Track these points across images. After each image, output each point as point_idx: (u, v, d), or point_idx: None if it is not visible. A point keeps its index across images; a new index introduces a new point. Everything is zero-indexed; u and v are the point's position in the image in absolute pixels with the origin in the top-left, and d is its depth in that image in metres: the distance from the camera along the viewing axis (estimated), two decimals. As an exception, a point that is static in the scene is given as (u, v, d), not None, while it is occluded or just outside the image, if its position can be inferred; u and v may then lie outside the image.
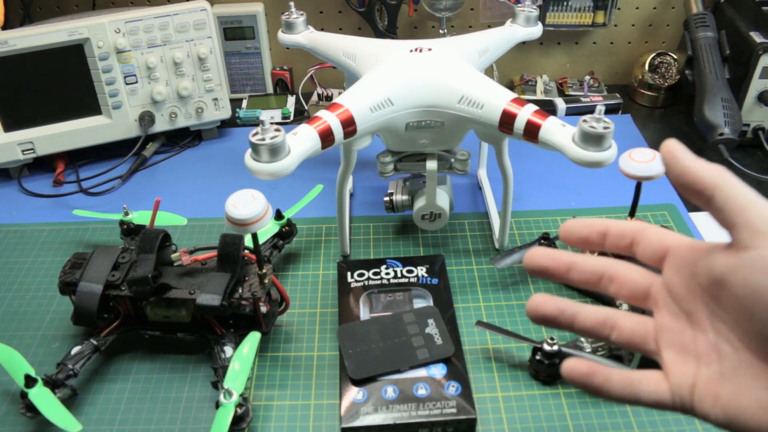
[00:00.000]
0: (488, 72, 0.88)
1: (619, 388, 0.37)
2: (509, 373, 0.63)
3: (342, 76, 0.86)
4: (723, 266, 0.33)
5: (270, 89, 1.11)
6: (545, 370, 0.61)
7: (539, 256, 0.39)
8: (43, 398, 0.56)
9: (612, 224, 0.39)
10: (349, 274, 0.70)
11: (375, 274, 0.70)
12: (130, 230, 0.73)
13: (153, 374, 0.64)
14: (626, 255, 0.39)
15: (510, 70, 1.14)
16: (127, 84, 0.90)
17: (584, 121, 0.57)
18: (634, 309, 0.62)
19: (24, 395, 0.56)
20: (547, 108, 1.01)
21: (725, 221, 0.34)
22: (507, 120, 0.62)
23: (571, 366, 0.38)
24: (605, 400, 0.38)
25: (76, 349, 0.61)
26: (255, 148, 0.55)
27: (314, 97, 1.07)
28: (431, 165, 0.70)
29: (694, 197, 0.35)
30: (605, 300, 0.69)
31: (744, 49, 0.90)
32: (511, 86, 1.12)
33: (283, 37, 0.79)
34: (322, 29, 0.88)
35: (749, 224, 0.32)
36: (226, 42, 1.05)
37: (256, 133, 0.55)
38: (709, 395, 0.34)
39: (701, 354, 0.35)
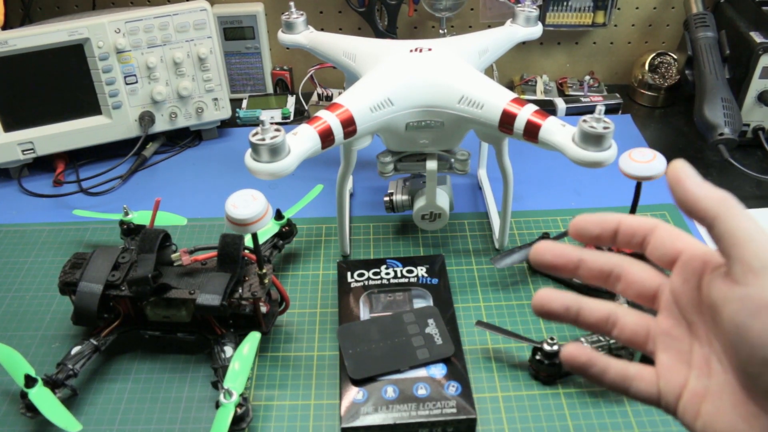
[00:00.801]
0: (488, 72, 0.88)
1: (613, 380, 0.37)
2: (509, 373, 0.63)
3: (342, 76, 0.86)
4: (717, 294, 0.33)
5: (270, 89, 1.11)
6: (545, 370, 0.61)
7: (546, 251, 0.38)
8: (43, 398, 0.56)
9: (624, 220, 0.38)
10: (349, 274, 0.70)
11: (375, 274, 0.70)
12: (130, 230, 0.73)
13: (153, 374, 0.64)
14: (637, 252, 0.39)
15: (510, 70, 1.14)
16: (127, 84, 0.90)
17: (584, 121, 0.57)
18: (632, 305, 0.62)
19: (24, 395, 0.56)
20: (547, 108, 1.01)
21: (722, 251, 0.33)
22: (507, 120, 0.62)
23: (570, 353, 0.38)
24: (598, 386, 0.38)
25: (76, 349, 0.61)
26: (255, 148, 0.55)
27: (314, 97, 1.07)
28: (431, 165, 0.70)
29: (700, 223, 0.34)
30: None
31: (744, 49, 0.90)
32: (511, 86, 1.12)
33: (283, 37, 0.79)
34: (322, 29, 0.88)
35: (742, 260, 0.32)
36: (226, 42, 1.05)
37: (256, 133, 0.55)
38: (692, 408, 0.34)
39: (694, 365, 0.35)
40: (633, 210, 0.68)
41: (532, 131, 0.60)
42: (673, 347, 0.36)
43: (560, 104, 1.03)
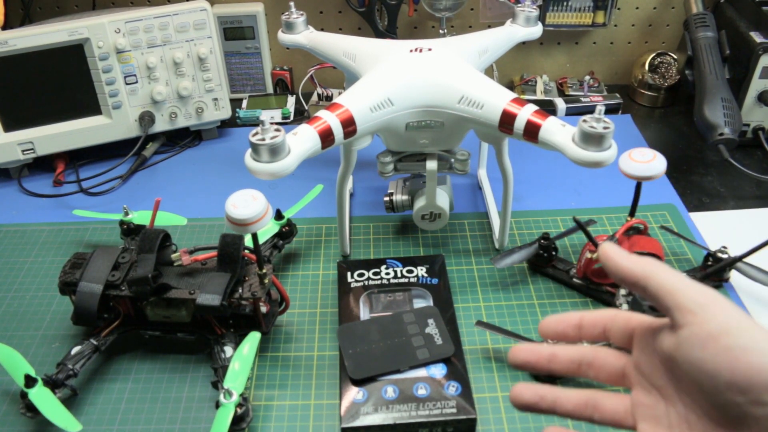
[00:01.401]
0: (488, 72, 0.88)
1: (573, 410, 0.41)
2: (509, 373, 0.63)
3: (342, 76, 0.86)
4: (668, 346, 0.37)
5: (270, 89, 1.11)
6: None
7: (521, 351, 0.43)
8: (43, 398, 0.56)
9: (585, 315, 0.42)
10: (349, 274, 0.70)
11: (375, 274, 0.70)
12: (130, 230, 0.73)
13: (153, 374, 0.64)
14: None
15: (510, 70, 1.14)
16: (127, 84, 0.90)
17: (584, 121, 0.57)
18: (634, 307, 0.62)
19: (24, 395, 0.56)
20: (547, 108, 1.01)
21: (661, 306, 0.37)
22: (507, 120, 0.62)
23: (516, 394, 0.41)
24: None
25: (76, 349, 0.61)
26: (255, 148, 0.55)
27: (314, 97, 1.07)
28: (431, 165, 0.70)
29: (634, 290, 0.39)
30: (605, 300, 0.69)
31: (744, 49, 0.90)
32: (511, 86, 1.12)
33: (283, 37, 0.79)
34: (322, 29, 0.88)
35: (679, 306, 0.36)
36: (226, 42, 1.05)
37: (256, 133, 0.55)
38: None
39: (673, 426, 0.37)
40: (633, 210, 0.68)
41: (532, 131, 0.60)
42: (649, 415, 0.38)
43: (560, 104, 1.03)
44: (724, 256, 0.70)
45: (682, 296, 0.36)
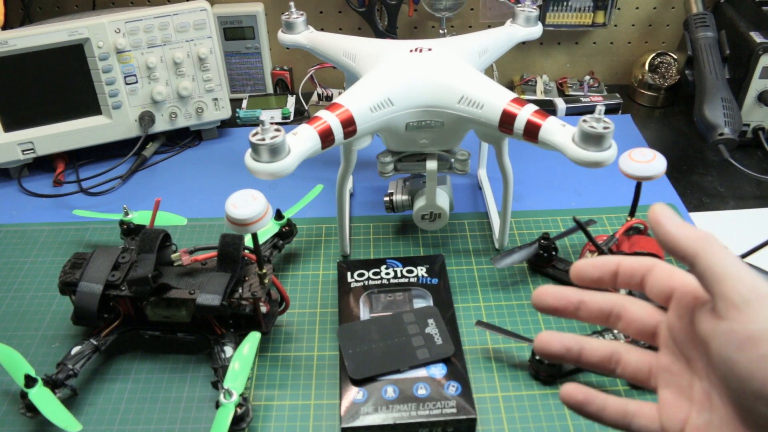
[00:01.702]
0: (488, 72, 0.88)
1: (613, 417, 0.38)
2: (509, 373, 0.63)
3: (342, 76, 0.86)
4: (705, 329, 0.34)
5: (270, 89, 1.11)
6: (545, 370, 0.61)
7: (547, 295, 0.40)
8: (43, 398, 0.56)
9: (623, 262, 0.39)
10: (349, 274, 0.70)
11: (375, 274, 0.70)
12: (130, 230, 0.73)
13: (153, 374, 0.64)
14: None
15: (510, 70, 1.14)
16: (127, 84, 0.90)
17: (584, 121, 0.57)
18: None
19: (24, 395, 0.56)
20: (547, 108, 1.01)
21: (705, 288, 0.34)
22: (507, 120, 0.62)
23: (568, 392, 0.39)
24: (599, 423, 0.39)
25: (76, 349, 0.61)
26: (255, 148, 0.55)
27: (314, 97, 1.07)
28: (431, 165, 0.70)
29: (683, 263, 0.35)
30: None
31: (744, 49, 0.90)
32: (511, 86, 1.12)
33: (283, 37, 0.79)
34: (322, 29, 0.88)
35: (724, 296, 0.33)
36: (226, 42, 1.05)
37: (256, 133, 0.55)
38: None
39: (695, 400, 0.35)
40: (633, 210, 0.68)
41: (532, 131, 0.60)
42: (673, 383, 0.36)
43: (560, 104, 1.03)
44: (724, 256, 0.69)
45: (729, 286, 0.32)
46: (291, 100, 1.07)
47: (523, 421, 0.59)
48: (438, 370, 0.60)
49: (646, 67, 1.07)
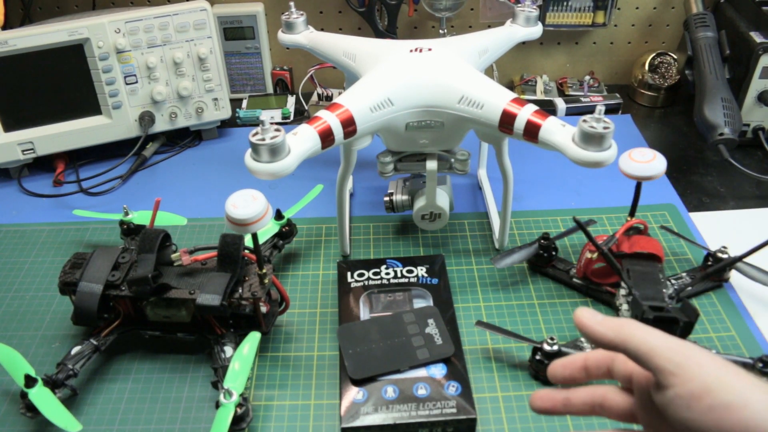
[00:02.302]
0: (488, 72, 0.88)
1: (582, 410, 0.43)
2: (509, 373, 0.63)
3: (342, 76, 0.86)
4: (659, 401, 0.37)
5: (270, 89, 1.11)
6: (545, 370, 0.61)
7: (540, 400, 0.44)
8: (43, 398, 0.56)
9: (589, 357, 0.43)
10: (349, 274, 0.70)
11: (375, 274, 0.70)
12: (130, 230, 0.73)
13: (153, 374, 0.64)
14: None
15: (510, 70, 1.14)
16: (127, 84, 0.90)
17: (584, 121, 0.57)
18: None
19: (24, 395, 0.56)
20: (547, 108, 1.01)
21: (644, 367, 0.38)
22: (507, 120, 0.62)
23: (535, 402, 0.44)
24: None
25: (76, 349, 0.61)
26: (255, 148, 0.55)
27: (314, 97, 1.07)
28: (431, 165, 0.70)
29: (614, 351, 0.39)
30: (605, 300, 0.69)
31: (744, 49, 0.90)
32: (511, 86, 1.12)
33: (283, 37, 0.79)
34: (322, 29, 0.88)
35: (659, 368, 0.36)
36: (226, 42, 1.05)
37: (256, 133, 0.55)
38: None
39: None
40: (633, 210, 0.68)
41: (532, 131, 0.60)
42: None
43: (560, 104, 1.03)
44: (724, 256, 0.70)
45: (659, 358, 0.36)
46: (291, 100, 1.07)
47: (523, 421, 0.59)
48: (438, 370, 0.60)
49: (646, 67, 1.07)
